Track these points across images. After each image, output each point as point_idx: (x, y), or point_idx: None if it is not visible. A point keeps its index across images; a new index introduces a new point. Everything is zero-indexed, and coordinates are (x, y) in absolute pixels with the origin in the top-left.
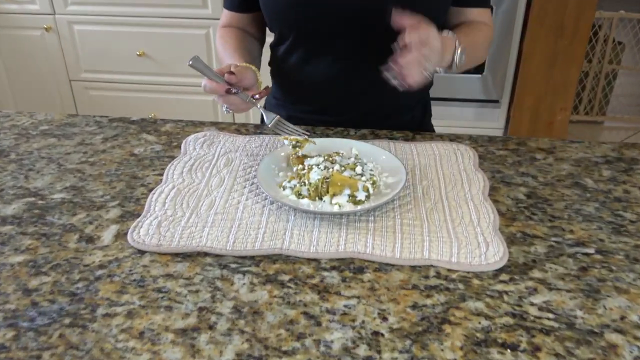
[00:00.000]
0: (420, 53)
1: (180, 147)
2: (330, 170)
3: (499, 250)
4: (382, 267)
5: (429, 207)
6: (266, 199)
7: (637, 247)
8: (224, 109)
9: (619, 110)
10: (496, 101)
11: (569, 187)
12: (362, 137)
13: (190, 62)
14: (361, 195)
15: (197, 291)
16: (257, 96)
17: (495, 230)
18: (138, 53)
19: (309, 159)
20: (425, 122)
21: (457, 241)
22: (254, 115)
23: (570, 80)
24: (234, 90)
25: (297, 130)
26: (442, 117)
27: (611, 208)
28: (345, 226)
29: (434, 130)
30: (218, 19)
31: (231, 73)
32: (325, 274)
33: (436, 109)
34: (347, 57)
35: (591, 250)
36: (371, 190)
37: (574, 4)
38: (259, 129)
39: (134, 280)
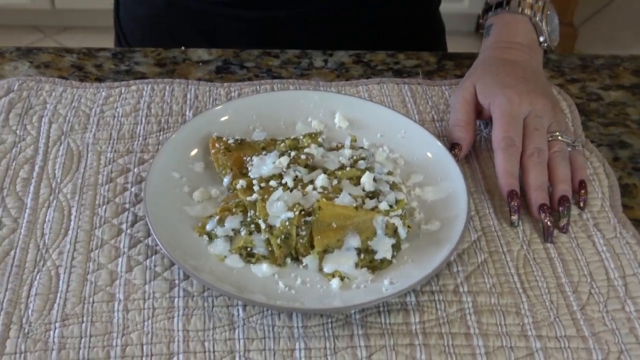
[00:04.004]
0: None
1: None
2: (310, 190)
3: None
4: None
5: (519, 256)
6: (173, 266)
7: None
8: None
9: None
10: None
11: None
12: (341, 72)
13: None
14: (384, 249)
15: None
16: None
17: None
18: None
19: (254, 157)
20: (432, 13)
21: (599, 347)
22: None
23: None
24: None
25: None
26: None
27: None
28: (363, 328)
29: (444, 29)
30: None
31: None
32: None
33: None
34: None
35: None
36: (403, 233)
37: None
38: (125, 61)
39: None
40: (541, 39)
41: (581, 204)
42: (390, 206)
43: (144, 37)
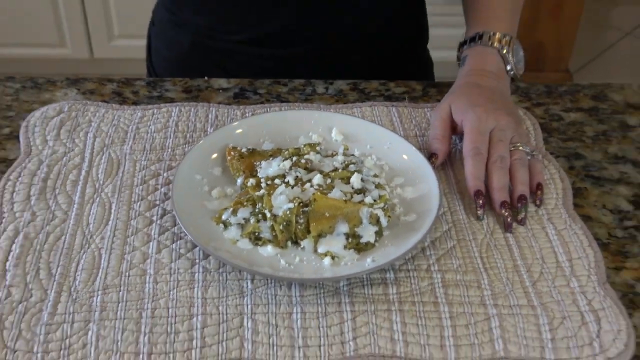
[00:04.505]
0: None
1: (17, 140)
2: (308, 187)
3: (619, 329)
4: None
5: (482, 244)
6: (195, 248)
7: None
8: None
9: None
10: None
11: None
12: (339, 97)
13: None
14: (368, 234)
15: None
16: None
17: (602, 284)
18: None
19: (263, 162)
20: (422, 45)
21: (546, 313)
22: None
23: None
24: None
25: None
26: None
27: None
28: (349, 298)
29: (431, 63)
30: None
31: None
32: None
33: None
34: None
35: None
36: (384, 222)
37: None
38: (157, 88)
39: None
40: (508, 67)
41: (537, 202)
42: (375, 200)
43: (173, 75)
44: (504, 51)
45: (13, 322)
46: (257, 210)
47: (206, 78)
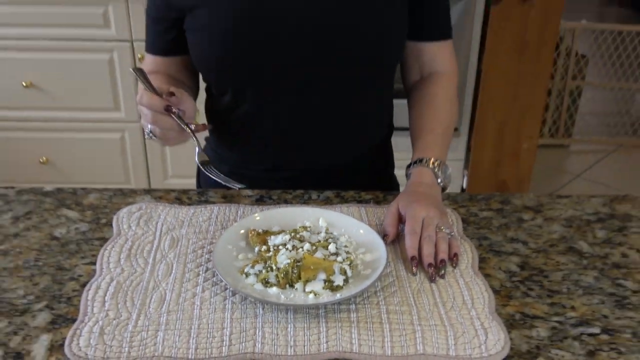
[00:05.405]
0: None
1: (111, 226)
2: (301, 251)
3: (499, 338)
4: None
5: (415, 289)
6: (226, 289)
7: None
8: (149, 132)
9: (586, 131)
10: (455, 129)
11: (563, 253)
12: (327, 201)
13: (133, 68)
14: (339, 280)
15: None
16: (193, 126)
17: (492, 313)
18: (24, 84)
19: (272, 236)
20: (387, 174)
21: (453, 329)
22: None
23: (536, 103)
24: (174, 109)
25: (229, 181)
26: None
27: (610, 276)
28: (325, 318)
29: (397, 184)
30: (123, 41)
31: (171, 93)
32: None
33: (396, 143)
34: (304, 110)
35: (596, 330)
36: (349, 273)
37: (537, 13)
38: (204, 196)
39: None
40: (438, 180)
41: (454, 265)
42: (344, 260)
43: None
44: (436, 170)
45: (110, 330)
46: (267, 265)
47: (237, 188)
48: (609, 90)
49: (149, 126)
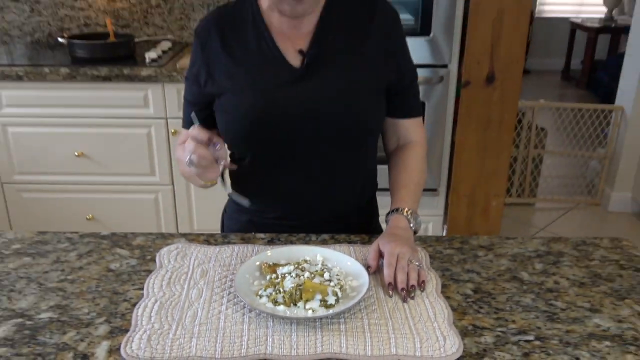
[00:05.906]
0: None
1: (154, 261)
2: (302, 277)
3: (455, 343)
4: None
5: (391, 307)
6: (245, 307)
7: (568, 332)
8: (189, 160)
9: (549, 191)
10: (434, 189)
11: (508, 280)
12: (323, 242)
13: (193, 114)
14: (331, 300)
15: None
16: (223, 161)
17: (450, 325)
18: (76, 153)
19: (280, 267)
20: (373, 222)
21: (419, 336)
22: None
23: (501, 168)
24: (214, 140)
25: (244, 198)
26: (385, 207)
27: (544, 298)
28: (320, 329)
29: (382, 230)
30: (160, 118)
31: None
32: None
33: (380, 199)
34: (306, 172)
35: (531, 337)
36: (339, 295)
37: (499, 95)
38: (227, 238)
39: None
40: (411, 225)
41: (422, 289)
42: (335, 285)
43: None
44: (409, 217)
45: (155, 338)
46: (276, 289)
47: (253, 234)
48: (566, 157)
49: (190, 156)
